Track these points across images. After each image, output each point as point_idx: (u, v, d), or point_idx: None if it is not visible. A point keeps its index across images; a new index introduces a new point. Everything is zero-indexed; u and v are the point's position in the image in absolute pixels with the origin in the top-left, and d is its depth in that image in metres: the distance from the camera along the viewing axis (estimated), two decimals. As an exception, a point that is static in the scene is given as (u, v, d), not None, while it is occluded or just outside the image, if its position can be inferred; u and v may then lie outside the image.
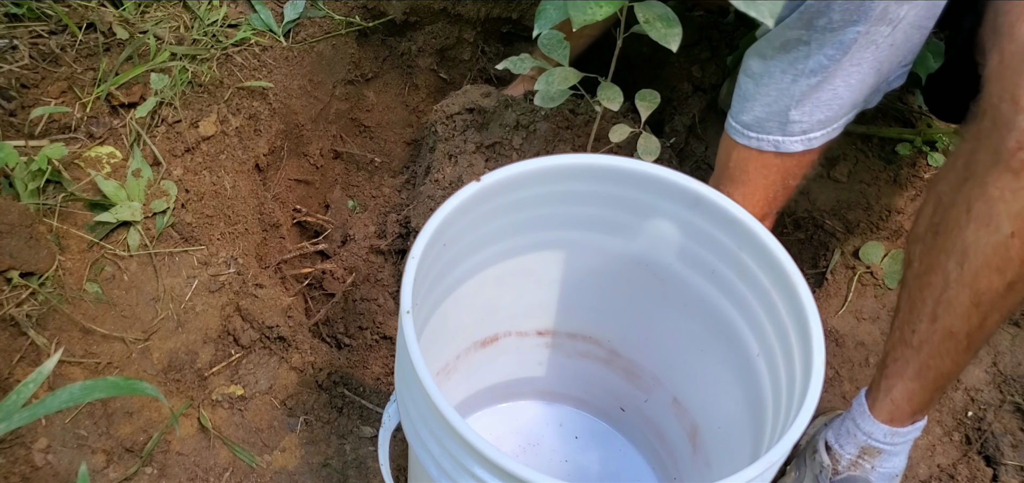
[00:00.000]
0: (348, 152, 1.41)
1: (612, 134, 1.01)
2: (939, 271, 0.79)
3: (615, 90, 0.98)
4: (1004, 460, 1.05)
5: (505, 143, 1.15)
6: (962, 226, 0.76)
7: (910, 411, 0.87)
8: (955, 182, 0.78)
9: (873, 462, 0.90)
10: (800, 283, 0.71)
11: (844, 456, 0.91)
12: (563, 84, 0.96)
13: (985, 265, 0.76)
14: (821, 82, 0.83)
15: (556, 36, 0.98)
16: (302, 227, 1.31)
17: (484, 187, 0.75)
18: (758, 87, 0.88)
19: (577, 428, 1.07)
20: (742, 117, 0.90)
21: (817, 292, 1.22)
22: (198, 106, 1.18)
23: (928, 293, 0.81)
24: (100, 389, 0.62)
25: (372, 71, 1.45)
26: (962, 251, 0.77)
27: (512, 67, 1.01)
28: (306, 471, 0.96)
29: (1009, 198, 0.72)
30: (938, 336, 0.81)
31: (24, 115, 1.10)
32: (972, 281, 0.77)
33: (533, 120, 1.16)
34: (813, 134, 0.88)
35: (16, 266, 0.96)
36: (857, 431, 0.90)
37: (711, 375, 0.88)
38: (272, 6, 1.32)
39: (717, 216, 0.78)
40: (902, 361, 0.86)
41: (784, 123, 0.87)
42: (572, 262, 0.90)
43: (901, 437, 0.89)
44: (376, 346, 1.16)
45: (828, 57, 0.81)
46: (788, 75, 0.85)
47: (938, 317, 0.81)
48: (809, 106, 0.85)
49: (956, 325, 0.80)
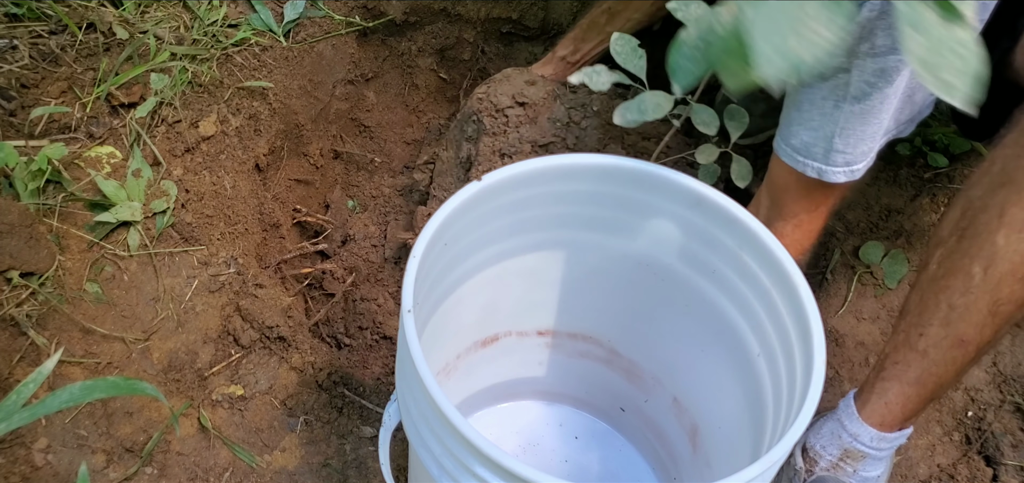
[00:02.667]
0: (348, 152, 1.41)
1: (699, 155, 0.96)
2: (961, 275, 0.78)
3: (709, 113, 0.92)
4: (1004, 460, 1.05)
5: (558, 143, 1.10)
6: (993, 231, 0.75)
7: (902, 417, 0.85)
8: (989, 187, 0.77)
9: (855, 466, 0.88)
10: (800, 283, 0.71)
11: (825, 457, 0.89)
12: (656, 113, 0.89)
13: (1011, 273, 0.75)
14: (865, 112, 0.81)
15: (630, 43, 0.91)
16: (302, 227, 1.31)
17: (485, 187, 0.75)
18: (800, 113, 0.86)
19: (577, 428, 1.07)
20: (791, 140, 0.88)
21: (817, 292, 1.22)
22: (198, 106, 1.18)
23: (944, 297, 0.79)
24: (100, 389, 0.62)
25: (372, 71, 1.45)
26: (989, 256, 0.75)
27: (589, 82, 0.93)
28: (306, 471, 0.96)
29: None
30: (948, 342, 0.80)
31: (24, 115, 1.10)
32: (995, 288, 0.76)
33: (584, 115, 1.11)
34: (856, 166, 0.86)
35: (16, 266, 0.96)
36: (842, 432, 0.88)
37: (711, 375, 0.88)
38: (272, 6, 1.32)
39: (718, 216, 0.78)
40: (903, 364, 0.84)
41: (828, 151, 0.85)
42: (572, 262, 0.90)
43: (887, 443, 0.87)
44: (376, 346, 1.16)
45: (870, 85, 0.79)
46: (830, 101, 0.82)
47: (952, 323, 0.79)
48: (854, 137, 0.83)
49: (969, 333, 0.78)
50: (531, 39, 1.49)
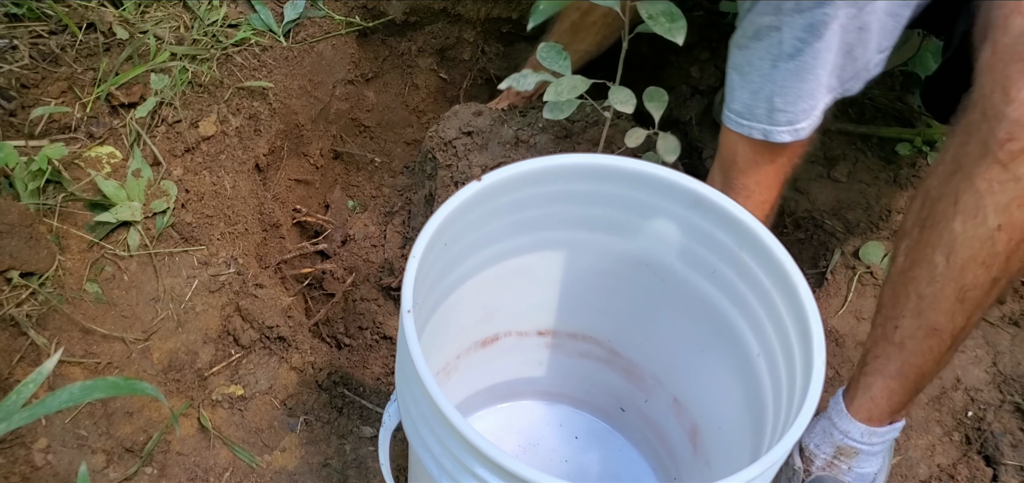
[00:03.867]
0: (348, 152, 1.41)
1: (628, 139, 0.99)
2: (925, 265, 0.79)
3: (626, 92, 0.97)
4: (1004, 460, 1.05)
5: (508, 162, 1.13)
6: (949, 218, 0.76)
7: (889, 410, 0.86)
8: (944, 175, 0.78)
9: (850, 463, 0.89)
10: (800, 283, 0.71)
11: (819, 456, 0.90)
12: (572, 93, 0.94)
13: (972, 259, 0.75)
14: (800, 68, 0.84)
15: (555, 48, 0.97)
16: (302, 227, 1.31)
17: (485, 187, 0.75)
18: (742, 77, 0.89)
19: (577, 428, 1.07)
20: (733, 105, 0.92)
21: (817, 292, 1.22)
22: (198, 106, 1.18)
23: (912, 288, 0.80)
24: (100, 389, 0.62)
25: (372, 71, 1.45)
26: (949, 244, 0.76)
27: (516, 84, 0.98)
28: (306, 471, 0.96)
29: (997, 190, 0.72)
30: (922, 333, 0.81)
31: (24, 115, 1.10)
32: (958, 275, 0.77)
33: (532, 134, 1.14)
34: (799, 124, 0.88)
35: (16, 266, 0.96)
36: (833, 430, 0.88)
37: (711, 375, 0.88)
38: (272, 6, 1.32)
39: (717, 216, 0.78)
40: (883, 358, 0.85)
41: (770, 111, 0.88)
42: (572, 262, 0.90)
43: (879, 437, 0.87)
44: (376, 346, 1.16)
45: (801, 40, 0.82)
46: (767, 61, 0.85)
47: (922, 312, 0.80)
48: (792, 94, 0.86)
49: (940, 321, 0.79)
50: (531, 39, 1.49)
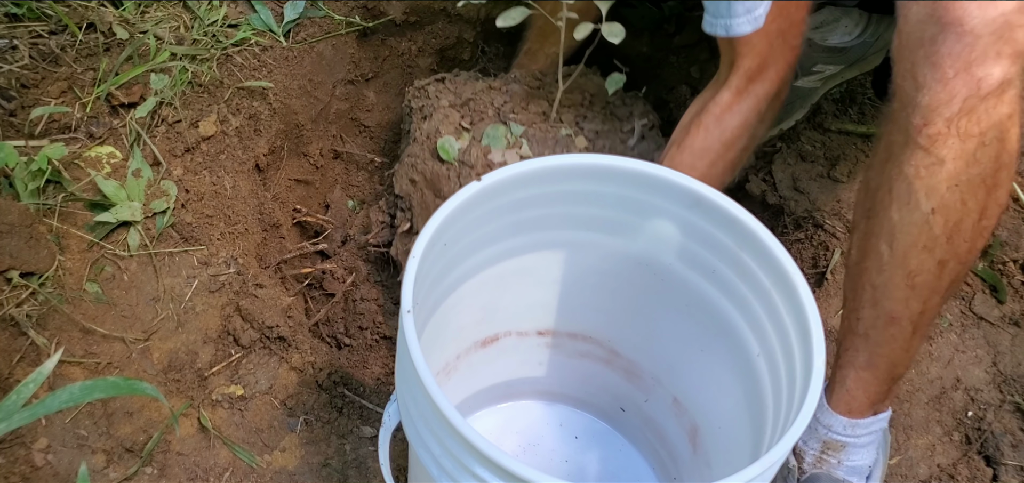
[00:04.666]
0: (348, 152, 1.41)
1: (576, 32, 1.02)
2: (873, 255, 0.80)
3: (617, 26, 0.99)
4: (1004, 460, 1.05)
5: (478, 99, 1.17)
6: (887, 207, 0.77)
7: (868, 402, 0.86)
8: (879, 165, 0.79)
9: (838, 457, 0.89)
10: (800, 283, 0.71)
11: (808, 453, 0.90)
12: None
13: (912, 245, 0.76)
14: None
15: None
16: (302, 227, 1.31)
17: (485, 187, 0.75)
18: None
19: (577, 428, 1.07)
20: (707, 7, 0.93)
21: (817, 292, 1.22)
22: (198, 106, 1.18)
23: (866, 279, 0.82)
24: (100, 389, 0.62)
25: (372, 71, 1.45)
26: (890, 233, 0.78)
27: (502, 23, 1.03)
28: (306, 471, 0.96)
29: (924, 175, 0.73)
30: (881, 322, 0.82)
31: (24, 115, 1.10)
32: (903, 262, 0.78)
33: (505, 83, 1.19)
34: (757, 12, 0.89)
35: (16, 266, 0.96)
36: (818, 426, 0.89)
37: (711, 375, 0.88)
38: (272, 6, 1.32)
39: (717, 216, 0.78)
40: (852, 350, 0.86)
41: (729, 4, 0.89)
42: (572, 262, 0.90)
43: (863, 429, 0.88)
44: (376, 346, 1.16)
45: None
46: None
47: (878, 302, 0.81)
48: None
49: (896, 309, 0.80)
50: (531, 39, 1.49)
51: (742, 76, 0.95)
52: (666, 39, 1.49)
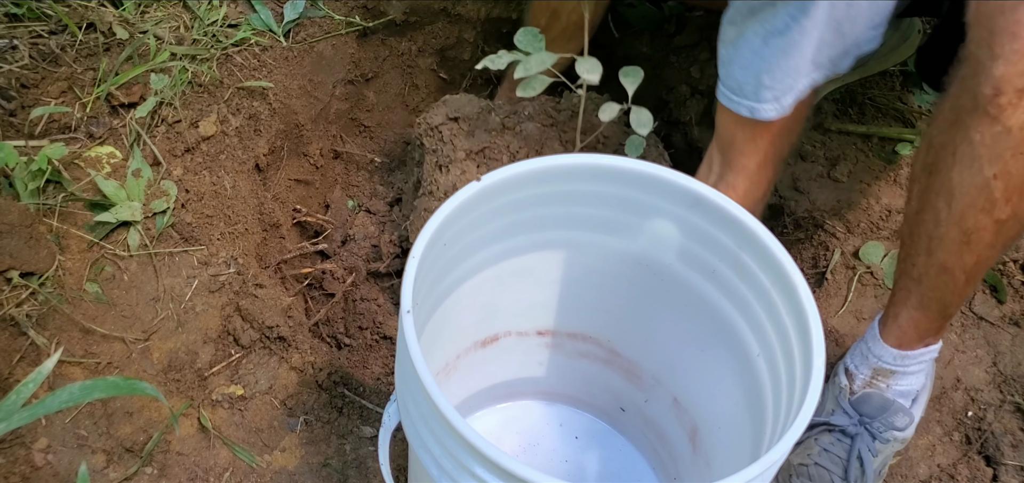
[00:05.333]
0: (348, 152, 1.41)
1: (601, 112, 1.01)
2: (931, 209, 0.83)
3: (592, 61, 0.98)
4: (1004, 460, 1.05)
5: (493, 147, 1.15)
6: (949, 167, 0.80)
7: (917, 336, 0.93)
8: (944, 124, 0.81)
9: (887, 382, 0.97)
10: (800, 283, 0.71)
11: (858, 376, 0.98)
12: (540, 65, 0.96)
13: (970, 205, 0.79)
14: (788, 45, 0.86)
15: (532, 32, 0.98)
16: (302, 227, 1.31)
17: (484, 187, 0.75)
18: (735, 51, 0.91)
19: (577, 428, 1.07)
20: (727, 81, 0.94)
21: (817, 292, 1.22)
22: (198, 106, 1.18)
23: (922, 230, 0.85)
24: (100, 389, 0.62)
25: (372, 71, 1.45)
26: (949, 191, 0.80)
27: (490, 64, 1.01)
28: (306, 471, 0.96)
29: (989, 142, 0.75)
30: (934, 270, 0.86)
31: (24, 115, 1.10)
32: (960, 220, 0.81)
33: (518, 121, 1.16)
34: (784, 97, 0.91)
35: (16, 266, 0.96)
36: (869, 354, 0.97)
37: (711, 375, 0.88)
38: (272, 6, 1.32)
39: (717, 216, 0.78)
40: (905, 291, 0.91)
41: (757, 88, 0.91)
42: (572, 262, 0.90)
43: (912, 359, 0.94)
44: (376, 346, 1.16)
45: (791, 16, 0.84)
46: (758, 37, 0.88)
47: (933, 252, 0.85)
48: (779, 71, 0.89)
49: (950, 260, 0.84)
50: (531, 39, 1.49)
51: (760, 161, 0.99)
52: (666, 39, 1.49)
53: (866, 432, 0.97)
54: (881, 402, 0.96)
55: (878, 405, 0.97)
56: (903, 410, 0.97)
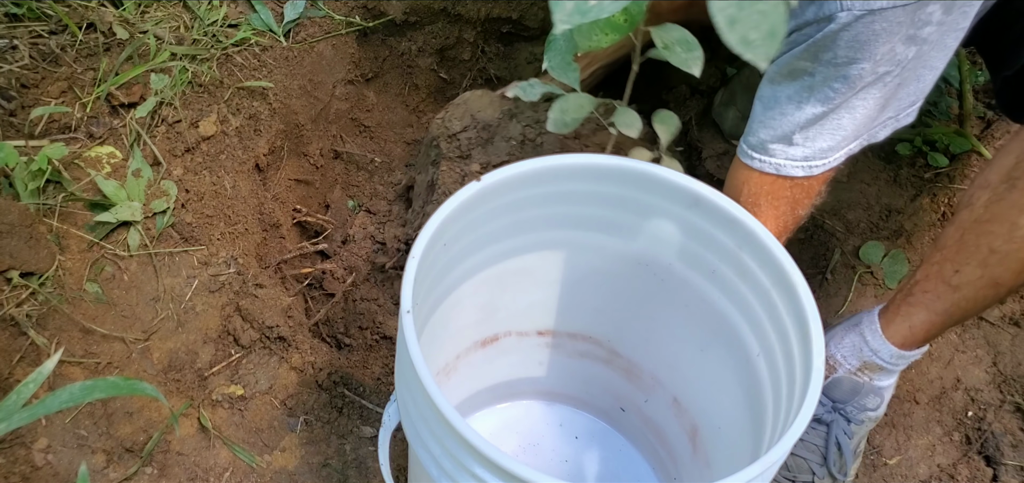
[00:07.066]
0: (348, 152, 1.41)
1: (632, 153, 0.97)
2: (1006, 223, 0.81)
3: (632, 115, 0.94)
4: (1004, 460, 1.05)
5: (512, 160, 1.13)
6: None
7: (923, 339, 0.92)
8: None
9: (871, 376, 0.96)
10: (800, 283, 0.71)
11: (843, 366, 0.97)
12: (578, 113, 0.92)
13: None
14: (827, 113, 0.82)
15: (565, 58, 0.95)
16: (302, 227, 1.31)
17: (484, 187, 0.75)
18: (766, 111, 0.87)
19: (577, 428, 1.07)
20: (749, 139, 0.90)
21: (817, 292, 1.22)
22: (198, 106, 1.18)
23: (985, 241, 0.83)
24: (100, 389, 0.62)
25: (372, 71, 1.45)
26: None
27: (522, 94, 0.97)
28: (306, 471, 0.96)
29: None
30: (983, 283, 0.84)
31: (24, 115, 1.10)
32: None
33: (539, 132, 1.13)
34: (814, 162, 0.87)
35: (16, 266, 0.96)
36: (864, 347, 0.95)
37: (711, 375, 0.88)
38: (272, 6, 1.32)
39: (717, 216, 0.78)
40: (933, 294, 0.89)
41: (787, 147, 0.86)
42: (572, 262, 0.90)
43: (905, 360, 0.94)
44: (376, 346, 1.15)
45: (834, 90, 0.80)
46: (793, 102, 0.83)
47: (990, 266, 0.83)
48: (813, 133, 0.84)
49: (1005, 278, 0.82)
50: (531, 39, 1.49)
51: None
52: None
53: (841, 417, 0.97)
54: (851, 385, 0.96)
55: (849, 389, 0.96)
56: (873, 390, 0.97)
